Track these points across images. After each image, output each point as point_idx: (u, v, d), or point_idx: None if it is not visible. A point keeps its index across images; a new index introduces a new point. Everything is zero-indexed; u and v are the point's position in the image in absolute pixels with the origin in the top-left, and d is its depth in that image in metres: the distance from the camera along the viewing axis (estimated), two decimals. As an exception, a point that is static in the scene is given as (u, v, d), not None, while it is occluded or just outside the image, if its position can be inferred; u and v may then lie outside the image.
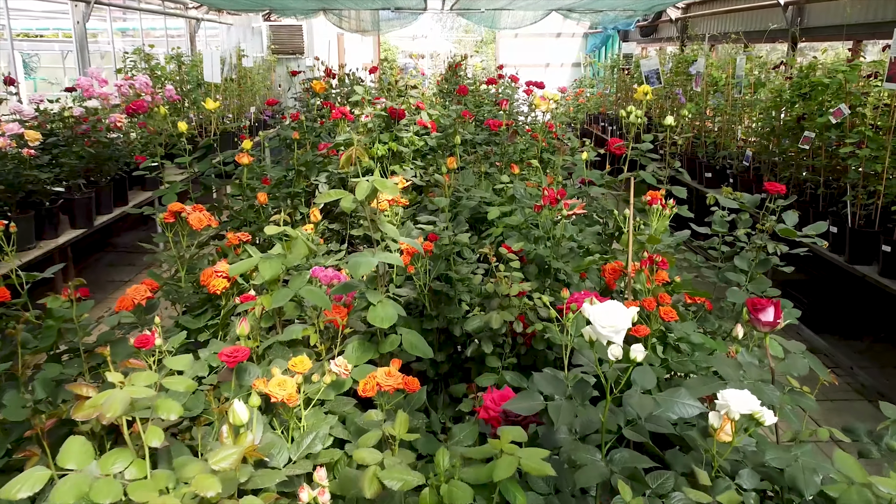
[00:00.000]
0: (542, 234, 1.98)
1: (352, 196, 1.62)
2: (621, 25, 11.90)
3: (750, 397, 1.08)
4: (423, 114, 3.45)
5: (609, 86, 11.23)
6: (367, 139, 3.20)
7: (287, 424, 1.38)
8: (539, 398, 1.19)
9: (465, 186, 3.06)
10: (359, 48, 14.99)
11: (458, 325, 1.99)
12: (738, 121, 6.16)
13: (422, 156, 3.79)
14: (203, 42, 10.82)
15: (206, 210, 3.25)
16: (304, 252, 1.66)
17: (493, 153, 3.59)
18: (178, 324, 1.98)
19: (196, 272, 2.17)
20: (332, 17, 11.32)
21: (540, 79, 7.59)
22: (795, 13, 6.81)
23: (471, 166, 3.29)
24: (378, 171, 3.34)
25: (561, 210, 1.96)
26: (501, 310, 1.76)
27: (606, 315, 1.09)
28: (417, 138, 3.57)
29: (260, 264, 1.59)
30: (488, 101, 6.92)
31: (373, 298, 1.65)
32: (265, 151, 7.08)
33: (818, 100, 4.45)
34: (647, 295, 1.74)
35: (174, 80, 7.55)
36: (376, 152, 3.17)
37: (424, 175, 3.51)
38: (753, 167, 5.69)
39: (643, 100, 3.04)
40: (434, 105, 5.97)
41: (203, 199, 3.72)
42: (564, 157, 3.44)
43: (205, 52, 7.16)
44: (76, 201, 4.83)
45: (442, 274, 2.12)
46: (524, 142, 4.08)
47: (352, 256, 1.61)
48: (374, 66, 6.78)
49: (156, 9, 8.95)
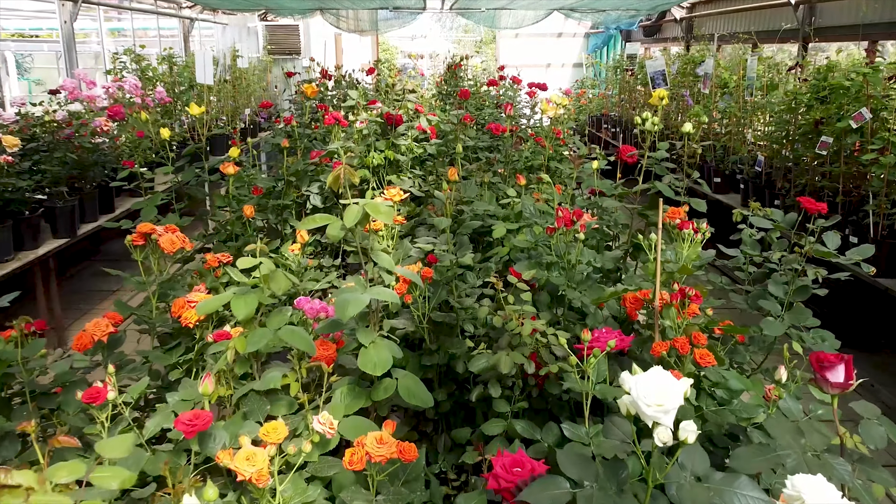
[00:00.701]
0: (555, 259, 1.76)
1: (340, 222, 1.40)
2: (624, 25, 11.68)
3: (829, 488, 0.86)
4: (421, 119, 3.24)
5: (612, 87, 11.01)
6: (362, 147, 2.99)
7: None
8: (564, 485, 0.97)
9: (468, 198, 2.84)
10: (357, 49, 14.78)
11: (461, 362, 1.77)
12: (748, 124, 5.94)
13: (421, 163, 3.58)
14: (198, 42, 10.60)
15: (193, 221, 3.04)
16: (285, 286, 1.44)
17: (496, 161, 3.38)
18: (148, 359, 1.76)
19: (170, 299, 1.95)
20: (329, 18, 11.10)
21: (541, 79, 7.37)
22: (807, 12, 6.60)
23: (473, 175, 3.07)
24: (374, 182, 3.13)
25: (577, 233, 1.74)
26: (511, 349, 1.54)
27: (653, 390, 0.87)
28: (416, 145, 3.35)
29: (233, 302, 1.37)
30: (489, 104, 6.71)
31: (364, 339, 1.43)
32: (259, 157, 6.85)
33: (837, 103, 4.23)
34: (677, 332, 1.52)
35: (166, 81, 7.32)
36: (371, 161, 2.95)
37: (424, 184, 3.29)
38: (765, 172, 5.47)
39: (658, 105, 2.83)
40: (433, 108, 5.75)
41: (190, 209, 3.51)
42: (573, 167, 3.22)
43: (197, 52, 6.92)
44: (58, 210, 4.60)
45: (443, 301, 1.91)
46: (529, 148, 3.86)
47: (339, 293, 1.39)
48: (371, 67, 6.56)
49: (148, 8, 8.73)
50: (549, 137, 3.13)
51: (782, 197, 4.99)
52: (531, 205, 2.14)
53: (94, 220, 5.06)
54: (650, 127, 2.67)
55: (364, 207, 1.38)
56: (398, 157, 3.05)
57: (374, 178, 3.09)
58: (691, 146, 2.73)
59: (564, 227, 1.73)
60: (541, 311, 1.84)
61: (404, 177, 3.06)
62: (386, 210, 1.38)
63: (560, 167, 3.18)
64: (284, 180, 2.99)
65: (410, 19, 10.58)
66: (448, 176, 2.50)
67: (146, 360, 1.76)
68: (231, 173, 2.92)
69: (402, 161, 3.11)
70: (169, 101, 7.01)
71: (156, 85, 7.19)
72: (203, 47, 10.49)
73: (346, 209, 1.38)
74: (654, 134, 2.72)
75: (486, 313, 1.62)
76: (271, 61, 11.04)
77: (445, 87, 6.75)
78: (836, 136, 4.31)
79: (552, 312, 1.77)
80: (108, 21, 10.85)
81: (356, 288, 1.41)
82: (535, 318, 1.60)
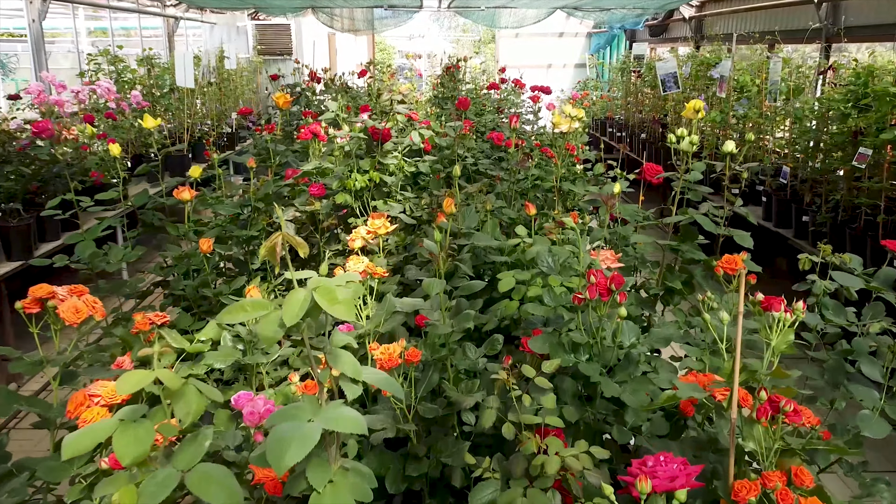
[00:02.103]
0: (586, 339, 1.31)
1: (278, 314, 0.95)
2: (629, 24, 11.22)
3: None
4: (413, 133, 2.78)
5: (617, 89, 10.56)
6: (344, 167, 2.53)
7: None
8: None
9: (467, 229, 2.39)
10: (352, 48, 14.31)
11: (457, 474, 1.32)
12: (770, 131, 5.50)
13: (413, 180, 3.12)
14: (184, 43, 10.14)
15: (152, 249, 2.58)
16: (197, 410, 0.99)
17: (499, 179, 2.92)
18: (34, 475, 1.30)
19: (78, 382, 1.50)
20: (323, 18, 10.63)
21: (542, 80, 6.90)
22: (830, 11, 6.15)
23: (473, 200, 2.62)
24: (357, 207, 2.67)
25: (616, 305, 1.29)
26: (529, 481, 1.09)
27: None
28: (408, 162, 2.90)
29: (116, 437, 0.92)
30: (490, 108, 6.25)
31: (317, 480, 0.98)
32: (242, 168, 6.33)
33: (882, 112, 3.78)
34: (764, 459, 1.07)
35: (145, 84, 6.86)
36: (353, 184, 2.50)
37: (416, 208, 2.84)
38: (791, 185, 5.02)
39: (694, 119, 2.38)
40: (429, 115, 5.30)
41: (145, 239, 3.04)
42: (589, 187, 2.77)
43: (177, 54, 6.46)
44: (12, 229, 4.15)
45: (436, 386, 1.45)
46: (536, 163, 3.41)
47: (275, 419, 0.94)
48: (363, 69, 6.11)
49: (128, 6, 8.26)
50: (560, 153, 2.67)
51: (812, 213, 4.54)
52: (547, 254, 1.69)
53: (55, 238, 4.60)
54: (686, 147, 2.22)
55: (313, 294, 0.93)
56: (386, 178, 2.59)
57: (358, 203, 2.63)
58: (734, 167, 2.28)
59: (599, 296, 1.28)
60: (564, 401, 1.38)
61: (393, 202, 2.61)
62: (346, 298, 0.93)
63: (573, 189, 2.72)
64: (251, 206, 2.54)
65: (406, 18, 10.13)
66: (444, 206, 2.05)
67: (32, 475, 1.30)
68: (187, 199, 2.46)
69: (391, 182, 2.66)
70: (147, 106, 6.55)
71: (133, 88, 6.73)
72: (189, 48, 10.02)
73: (287, 299, 0.93)
74: (690, 154, 2.27)
75: (493, 420, 1.18)
76: (261, 62, 10.57)
77: (442, 90, 6.30)
78: (876, 148, 3.86)
79: (580, 408, 1.32)
80: (95, 20, 10.36)
81: (302, 408, 0.96)
82: (561, 433, 1.15)
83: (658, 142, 7.95)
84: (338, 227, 2.71)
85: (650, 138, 8.24)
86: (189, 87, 6.60)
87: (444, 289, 1.43)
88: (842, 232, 4.26)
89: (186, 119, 6.90)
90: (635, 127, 8.84)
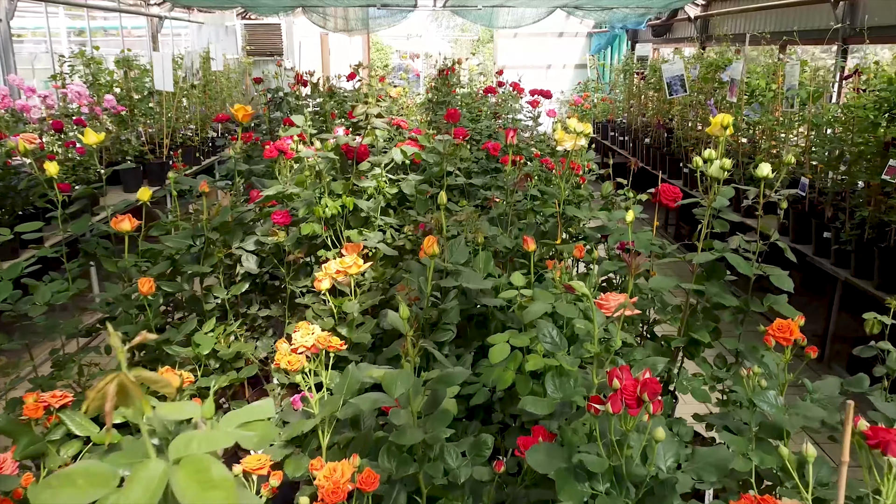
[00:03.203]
0: (606, 465, 0.94)
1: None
2: (631, 24, 10.85)
3: None
4: (394, 151, 2.41)
5: (619, 91, 10.19)
6: (312, 191, 2.17)
7: None
8: None
9: (454, 265, 2.02)
10: (346, 49, 13.91)
11: None
12: (786, 140, 5.14)
13: (400, 200, 2.75)
14: (170, 43, 9.76)
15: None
16: None
17: (494, 202, 2.55)
18: None
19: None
20: (316, 18, 10.26)
21: (541, 81, 6.54)
22: (847, 10, 5.79)
23: (463, 228, 2.26)
24: (328, 237, 2.30)
25: (646, 418, 0.93)
26: None
27: None
28: (390, 181, 2.54)
29: None
30: (487, 113, 5.89)
31: None
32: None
33: (919, 122, 3.42)
34: None
35: (122, 87, 6.48)
36: (322, 212, 2.13)
37: (398, 235, 2.48)
38: (809, 197, 4.66)
39: (722, 136, 2.01)
40: (420, 123, 4.94)
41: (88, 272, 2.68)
42: (596, 213, 2.41)
43: (155, 56, 6.10)
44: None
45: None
46: (537, 176, 3.05)
47: None
48: (352, 72, 5.74)
49: (108, 5, 7.88)
50: (564, 175, 2.31)
51: (835, 230, 4.18)
52: (550, 326, 1.32)
53: (14, 256, 4.23)
54: (717, 172, 1.85)
55: (174, 473, 0.57)
56: (362, 204, 2.23)
57: (330, 232, 2.26)
58: (770, 195, 1.92)
59: (626, 408, 0.92)
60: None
61: (369, 231, 2.24)
62: (226, 479, 0.57)
63: (578, 215, 2.36)
64: (204, 237, 2.17)
65: (400, 18, 9.76)
66: (425, 246, 1.69)
67: None
68: (126, 230, 2.10)
69: (369, 207, 2.29)
70: (123, 111, 6.17)
71: (110, 91, 6.35)
72: (174, 48, 9.62)
73: (131, 479, 0.57)
74: (721, 181, 1.91)
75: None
76: (250, 63, 10.18)
77: (437, 94, 5.93)
78: (910, 161, 3.50)
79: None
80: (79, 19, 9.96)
81: None
82: None
83: (663, 147, 7.59)
84: (310, 256, 2.35)
85: (655, 143, 7.87)
86: (168, 90, 6.24)
87: (412, 388, 1.06)
88: (869, 251, 3.90)
89: (165, 124, 6.53)
90: (638, 131, 8.47)
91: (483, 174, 4.20)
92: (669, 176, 7.18)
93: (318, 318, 2.08)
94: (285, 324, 2.34)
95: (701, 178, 2.02)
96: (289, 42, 10.92)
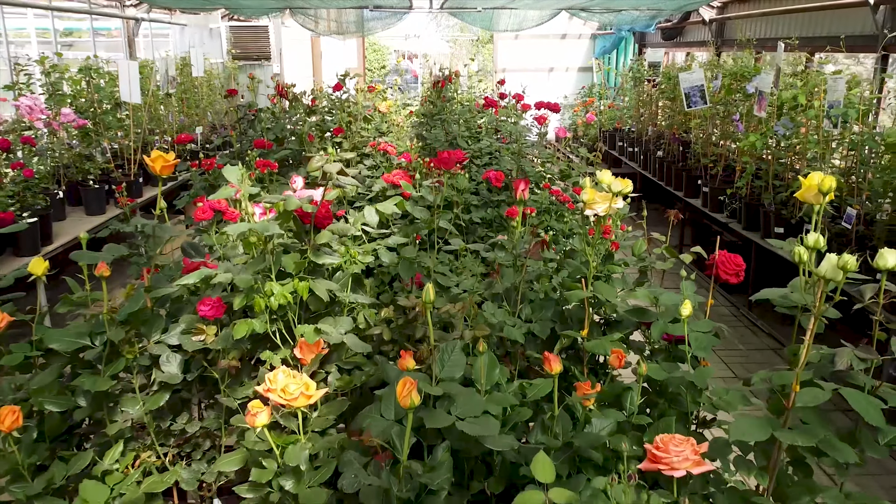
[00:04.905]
0: None
1: None
2: (640, 27, 10.25)
3: None
4: (366, 211, 1.82)
5: (627, 97, 9.59)
6: (252, 274, 1.58)
7: None
8: None
9: (444, 380, 1.45)
10: (340, 52, 13.27)
11: None
12: (826, 160, 4.56)
13: (378, 265, 2.16)
14: (150, 46, 9.14)
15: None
16: None
17: (499, 274, 1.96)
18: None
19: None
20: (306, 21, 9.64)
21: (543, 84, 5.96)
22: (888, 15, 5.21)
23: (455, 322, 1.68)
24: (276, 332, 1.71)
25: None
26: None
27: None
28: (363, 246, 1.95)
29: None
30: (488, 129, 5.29)
31: None
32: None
33: None
34: None
35: (85, 97, 5.87)
36: (265, 302, 1.55)
37: (375, 318, 1.90)
38: (856, 230, 4.08)
39: (820, 204, 1.43)
40: (410, 148, 4.36)
41: None
42: (637, 294, 1.83)
43: (121, 63, 5.50)
44: None
45: None
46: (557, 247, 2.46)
47: None
48: (338, 82, 5.14)
49: (77, 7, 7.27)
50: (594, 243, 1.73)
51: (892, 272, 3.60)
52: None
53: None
54: (833, 273, 1.26)
55: None
56: (319, 290, 1.64)
57: (280, 324, 1.68)
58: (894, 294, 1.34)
59: None
60: None
61: (329, 324, 1.65)
62: None
63: (610, 300, 1.77)
64: (105, 333, 1.59)
65: (396, 20, 9.16)
66: (399, 365, 1.11)
67: None
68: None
69: (333, 289, 1.71)
70: (84, 125, 5.56)
71: (73, 102, 5.75)
72: (147, 53, 9.00)
73: None
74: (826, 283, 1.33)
75: None
76: (236, 68, 9.58)
77: (431, 108, 5.34)
78: None
79: None
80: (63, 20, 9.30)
81: None
82: None
83: (678, 162, 7.00)
84: (251, 359, 1.76)
85: (668, 156, 7.28)
86: (135, 101, 5.64)
87: None
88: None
89: (133, 139, 5.93)
90: (650, 142, 7.88)
91: (484, 206, 3.62)
92: (685, 195, 6.59)
93: (258, 457, 1.50)
94: (221, 448, 1.75)
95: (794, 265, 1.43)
96: (277, 45, 10.33)
